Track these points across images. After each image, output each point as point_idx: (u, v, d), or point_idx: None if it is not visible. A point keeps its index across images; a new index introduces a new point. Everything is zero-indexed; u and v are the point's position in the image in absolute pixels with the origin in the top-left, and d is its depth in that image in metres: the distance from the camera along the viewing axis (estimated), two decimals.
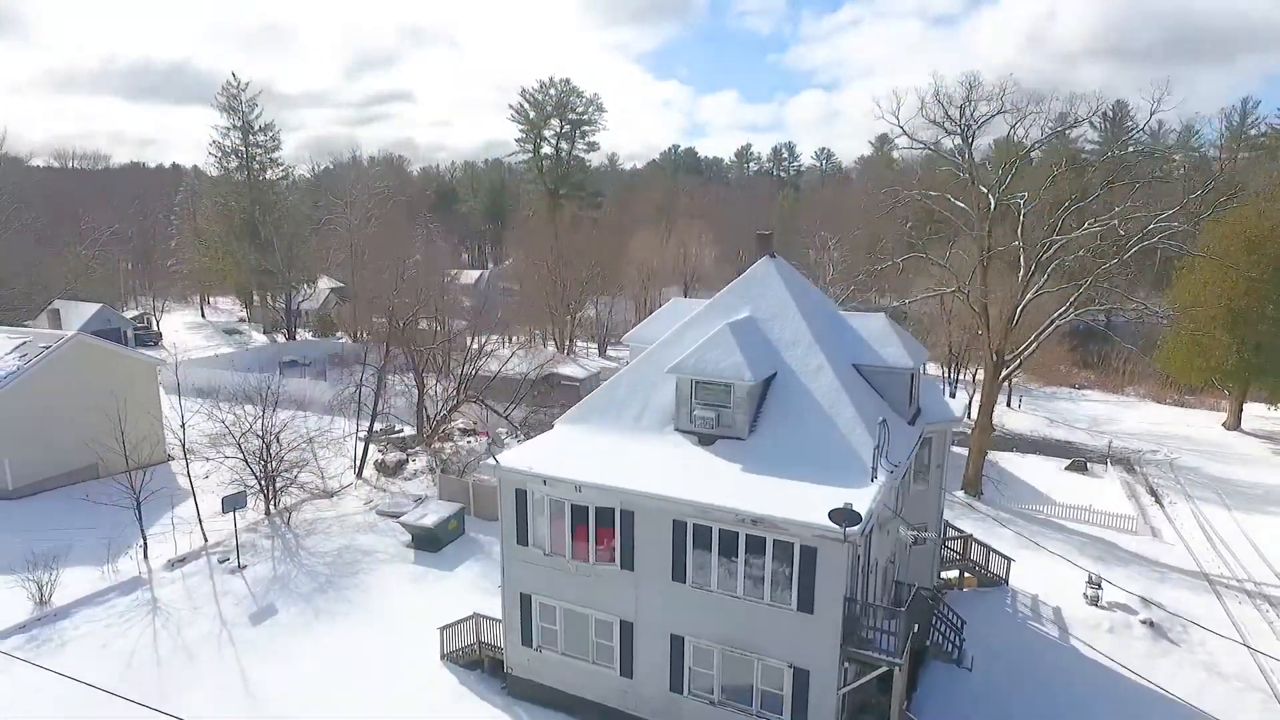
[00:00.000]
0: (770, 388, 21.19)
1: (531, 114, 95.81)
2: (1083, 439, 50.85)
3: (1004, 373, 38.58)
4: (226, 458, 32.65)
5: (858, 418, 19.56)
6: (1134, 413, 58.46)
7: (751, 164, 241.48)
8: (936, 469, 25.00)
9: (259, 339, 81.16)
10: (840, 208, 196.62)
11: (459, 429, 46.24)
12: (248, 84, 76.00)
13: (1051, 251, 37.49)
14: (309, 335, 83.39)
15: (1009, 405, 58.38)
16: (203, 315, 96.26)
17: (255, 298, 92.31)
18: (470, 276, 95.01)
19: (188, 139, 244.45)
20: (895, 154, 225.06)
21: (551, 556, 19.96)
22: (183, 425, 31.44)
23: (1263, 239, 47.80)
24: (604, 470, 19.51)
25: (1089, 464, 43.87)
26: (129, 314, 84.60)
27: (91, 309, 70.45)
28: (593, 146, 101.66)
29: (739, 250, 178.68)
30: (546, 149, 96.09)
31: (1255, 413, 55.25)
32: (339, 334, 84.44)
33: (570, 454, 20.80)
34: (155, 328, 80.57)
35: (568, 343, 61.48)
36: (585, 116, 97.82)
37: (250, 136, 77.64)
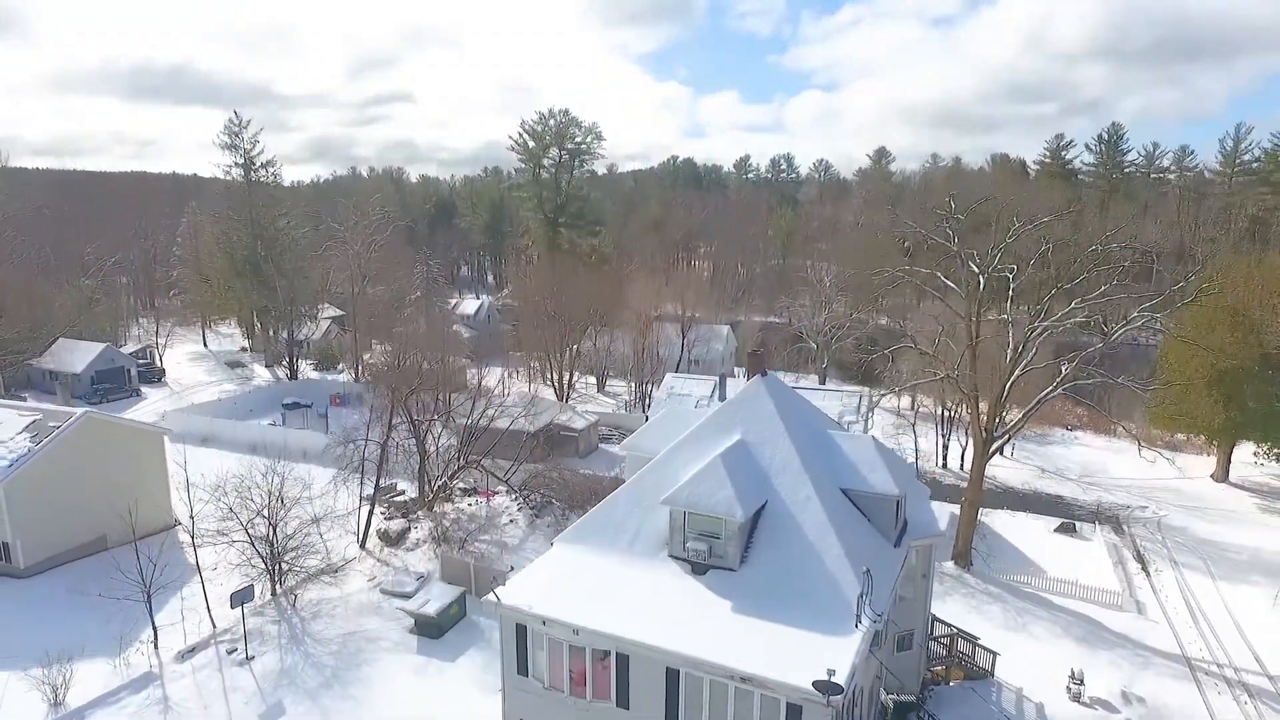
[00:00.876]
0: (761, 516, 22.00)
1: (531, 144, 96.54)
2: (1073, 492, 51.67)
3: (993, 447, 39.31)
4: (234, 541, 33.41)
5: (844, 557, 20.36)
6: (1124, 459, 59.16)
7: (750, 175, 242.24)
8: (923, 578, 25.83)
9: (261, 373, 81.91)
10: (838, 222, 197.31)
11: (460, 488, 47.09)
12: (249, 121, 76.78)
13: (1039, 332, 38.23)
14: (310, 368, 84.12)
15: (1001, 453, 59.16)
16: (204, 343, 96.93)
17: (257, 326, 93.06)
18: (470, 306, 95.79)
19: (189, 140, 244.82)
20: (893, 166, 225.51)
21: (550, 690, 20.77)
22: (191, 516, 32.19)
23: (1245, 307, 48.60)
24: (601, 606, 20.31)
25: (1077, 525, 44.69)
26: (130, 347, 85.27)
27: (95, 350, 71.18)
28: (592, 175, 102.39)
29: (739, 263, 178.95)
30: (545, 177, 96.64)
31: (1243, 458, 55.94)
32: (340, 366, 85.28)
33: (568, 583, 21.60)
34: (158, 363, 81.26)
35: (567, 389, 62.25)
36: (584, 145, 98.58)
37: (252, 174, 78.36)
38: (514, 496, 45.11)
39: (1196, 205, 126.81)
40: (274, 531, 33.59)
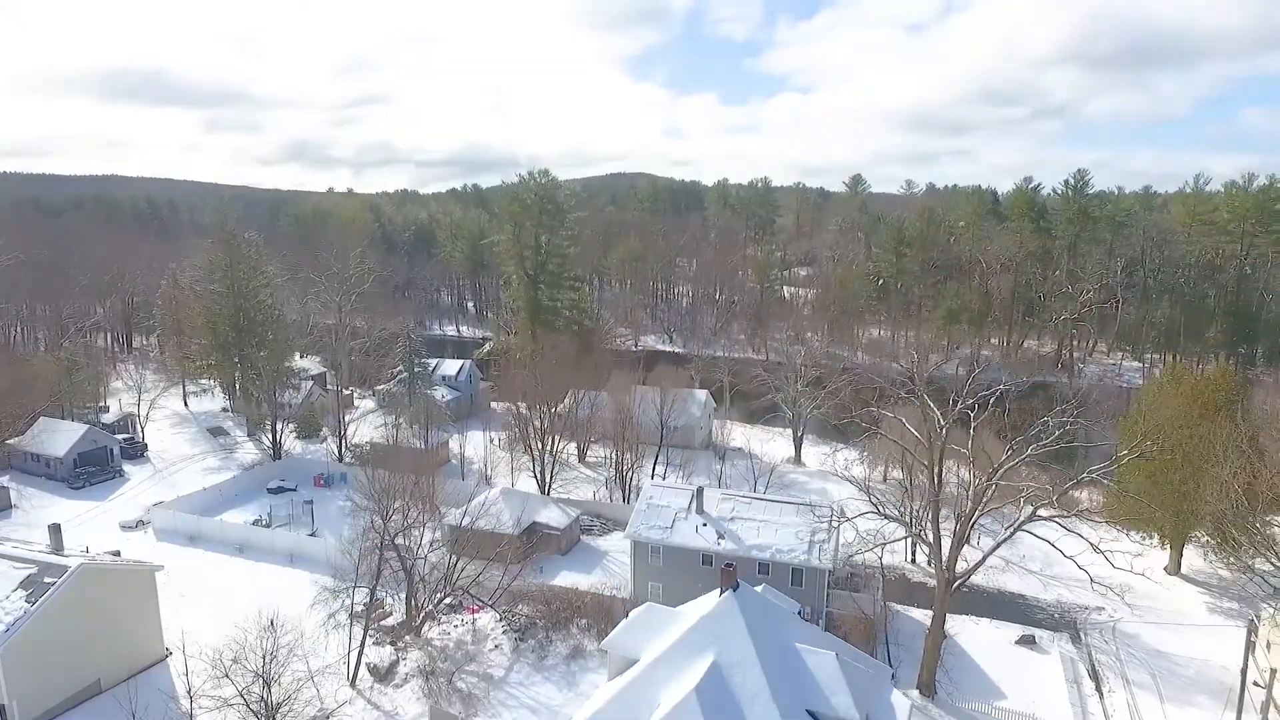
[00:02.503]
0: None
1: (513, 207, 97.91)
2: (1034, 589, 54.00)
3: (955, 585, 41.33)
4: (229, 703, 34.59)
5: None
6: (1084, 545, 61.54)
7: (729, 202, 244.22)
8: None
9: (243, 444, 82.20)
10: (815, 255, 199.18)
11: (447, 604, 48.41)
12: (230, 207, 77.38)
13: (998, 476, 40.33)
14: (292, 434, 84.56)
15: (967, 541, 61.43)
16: (185, 402, 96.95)
17: (238, 386, 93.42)
18: (451, 367, 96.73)
19: (162, 141, 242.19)
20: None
21: None
22: (189, 694, 33.31)
23: (1192, 421, 51.21)
24: None
25: (1037, 636, 46.99)
26: (111, 416, 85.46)
27: (77, 431, 71.57)
28: (572, 237, 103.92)
29: (717, 291, 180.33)
30: (526, 238, 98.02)
31: (1202, 543, 58.25)
32: (322, 433, 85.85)
33: None
34: (141, 436, 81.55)
35: (549, 480, 63.64)
36: (565, 207, 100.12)
37: (235, 254, 79.02)
38: (498, 616, 46.56)
39: (1159, 250, 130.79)
40: (269, 691, 34.80)
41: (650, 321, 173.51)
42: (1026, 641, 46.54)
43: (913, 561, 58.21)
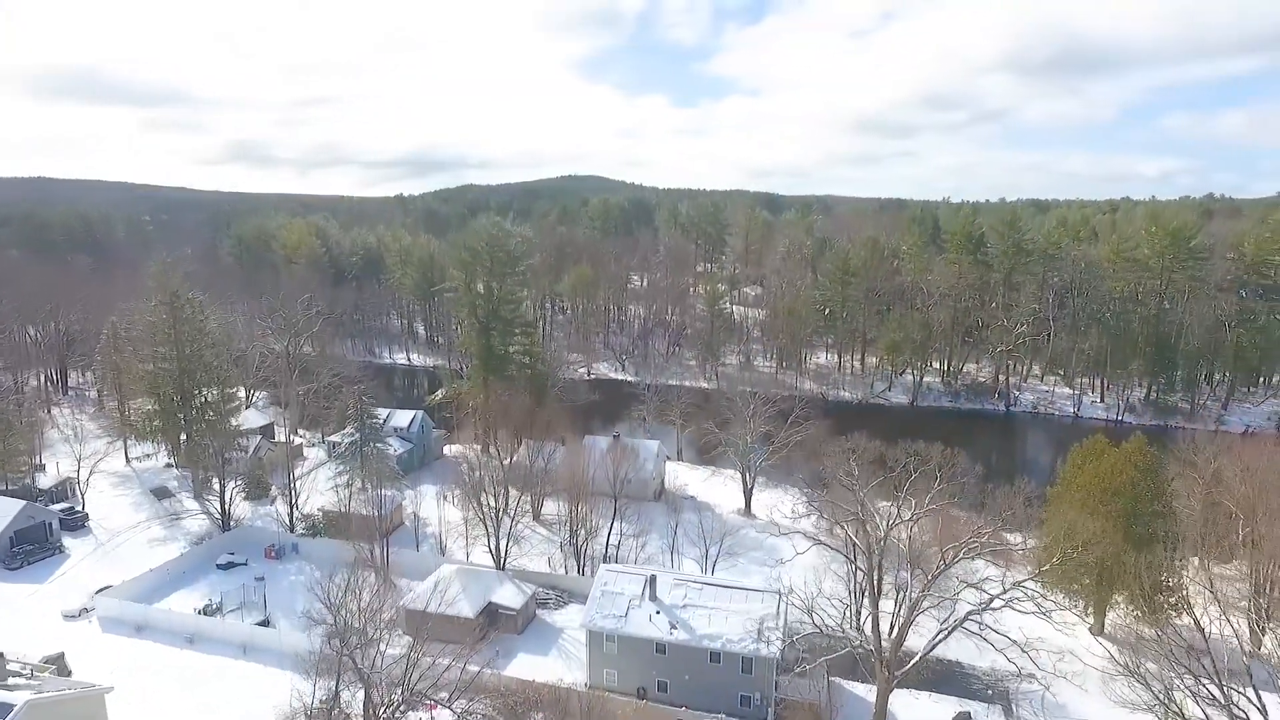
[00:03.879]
0: None
1: (465, 257, 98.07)
2: (970, 655, 56.69)
3: (894, 680, 43.58)
4: None
5: None
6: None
7: (680, 220, 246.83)
8: None
9: (191, 510, 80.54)
10: (765, 279, 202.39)
11: (404, 706, 48.80)
12: (174, 264, 76.00)
13: (933, 581, 42.68)
14: (240, 495, 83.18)
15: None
16: (126, 458, 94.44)
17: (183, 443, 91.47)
18: (403, 419, 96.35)
19: (97, 140, 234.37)
20: (816, 220, 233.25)
21: None
22: None
23: (1117, 491, 54.63)
24: None
25: (972, 715, 49.68)
26: (49, 480, 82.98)
27: (13, 508, 69.60)
28: (524, 283, 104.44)
29: (669, 313, 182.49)
30: (478, 287, 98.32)
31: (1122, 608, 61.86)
32: (272, 493, 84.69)
33: None
34: (81, 504, 79.40)
35: (504, 552, 64.21)
36: (516, 254, 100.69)
37: (178, 312, 77.58)
38: (455, 716, 47.21)
39: (1086, 283, 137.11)
40: None
41: (603, 347, 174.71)
42: (963, 719, 49.18)
43: (857, 628, 60.58)
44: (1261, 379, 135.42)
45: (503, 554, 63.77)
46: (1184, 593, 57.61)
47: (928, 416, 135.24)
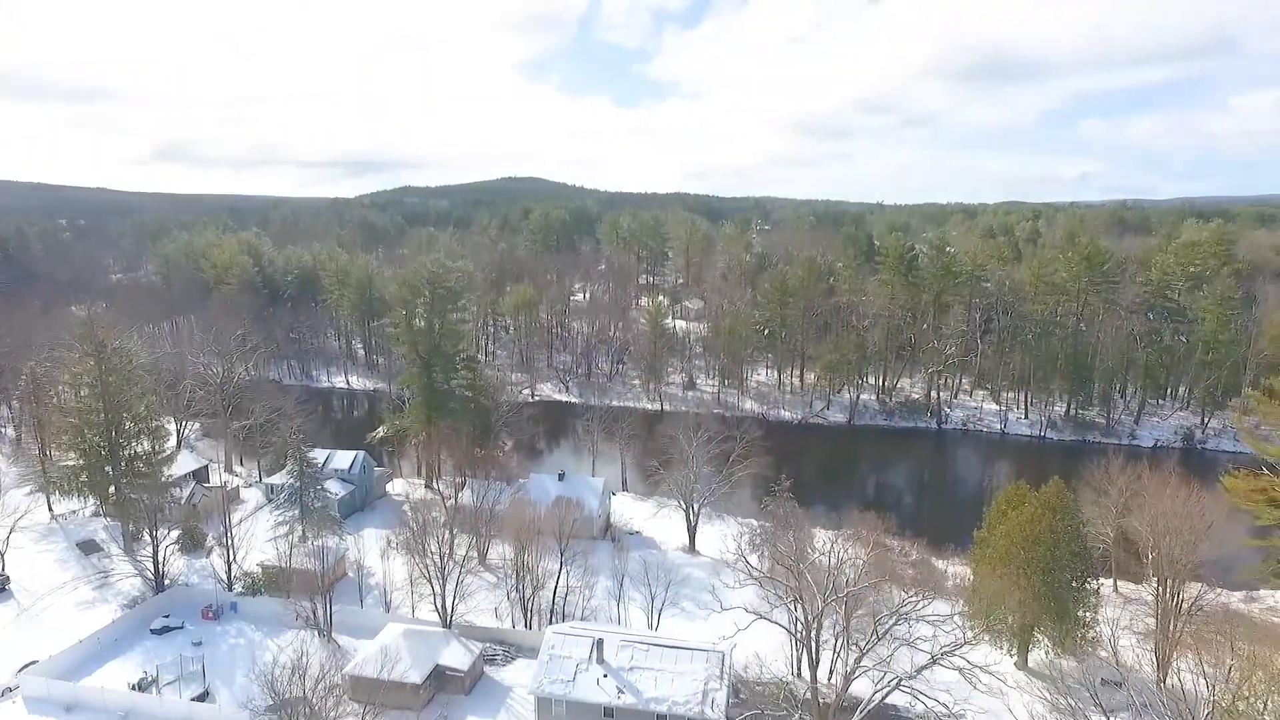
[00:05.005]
0: None
1: (405, 294, 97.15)
2: (903, 697, 59.44)
3: None
4: None
5: None
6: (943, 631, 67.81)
7: (623, 235, 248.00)
8: None
9: (121, 567, 77.72)
10: (705, 293, 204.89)
11: None
12: (100, 317, 73.42)
13: (866, 651, 44.77)
14: (174, 547, 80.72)
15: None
16: (49, 508, 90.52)
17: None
18: (344, 460, 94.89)
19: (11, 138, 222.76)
20: (755, 234, 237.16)
21: None
22: None
23: (1037, 539, 57.97)
24: None
25: None
26: None
27: None
28: (465, 319, 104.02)
29: (613, 328, 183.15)
30: (419, 325, 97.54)
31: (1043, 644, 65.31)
32: (208, 544, 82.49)
33: None
34: (1, 566, 75.97)
35: (450, 610, 64.08)
36: (455, 288, 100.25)
37: (105, 363, 74.97)
38: None
39: (1010, 305, 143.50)
40: None
41: (546, 367, 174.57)
42: None
43: (797, 674, 62.72)
44: (1169, 392, 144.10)
45: (449, 611, 63.72)
46: (1098, 628, 61.57)
47: (864, 435, 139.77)
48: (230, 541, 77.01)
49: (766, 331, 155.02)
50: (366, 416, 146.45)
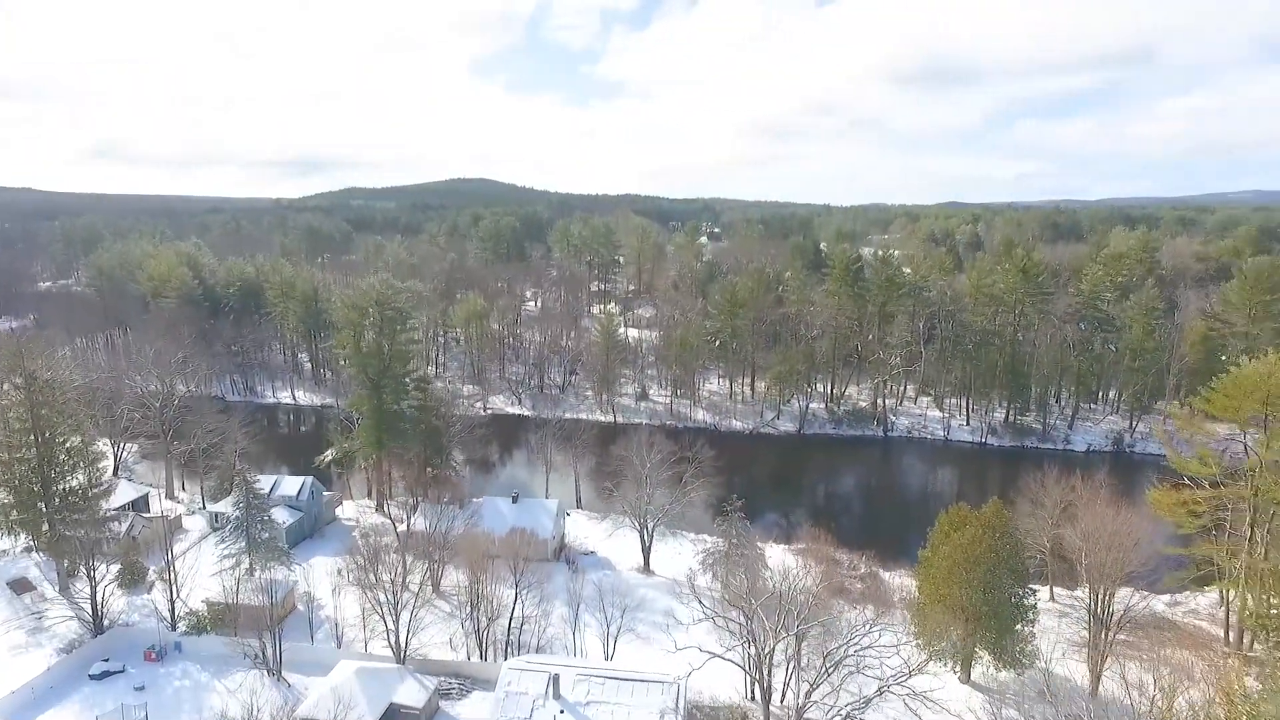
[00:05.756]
0: None
1: (351, 315, 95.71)
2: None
3: None
4: None
5: None
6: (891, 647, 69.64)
7: (574, 243, 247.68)
8: None
9: (57, 607, 74.95)
10: (656, 301, 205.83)
11: None
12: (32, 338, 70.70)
13: (816, 686, 46.08)
14: (113, 584, 78.09)
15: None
16: None
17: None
18: (291, 486, 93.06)
19: None
20: (708, 235, 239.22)
21: None
22: None
23: (977, 560, 60.28)
24: None
25: None
26: None
27: None
28: (413, 340, 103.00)
29: (565, 337, 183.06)
30: (367, 348, 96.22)
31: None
32: (149, 579, 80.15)
33: None
34: None
35: (405, 644, 63.59)
36: (404, 308, 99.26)
37: (36, 396, 72.21)
38: None
39: (951, 315, 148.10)
40: None
41: (498, 379, 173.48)
42: None
43: (752, 699, 64.04)
44: (1100, 395, 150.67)
45: (403, 647, 63.24)
46: (1035, 642, 64.34)
47: (814, 444, 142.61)
48: (173, 576, 75.02)
49: (717, 342, 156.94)
50: (314, 433, 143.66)
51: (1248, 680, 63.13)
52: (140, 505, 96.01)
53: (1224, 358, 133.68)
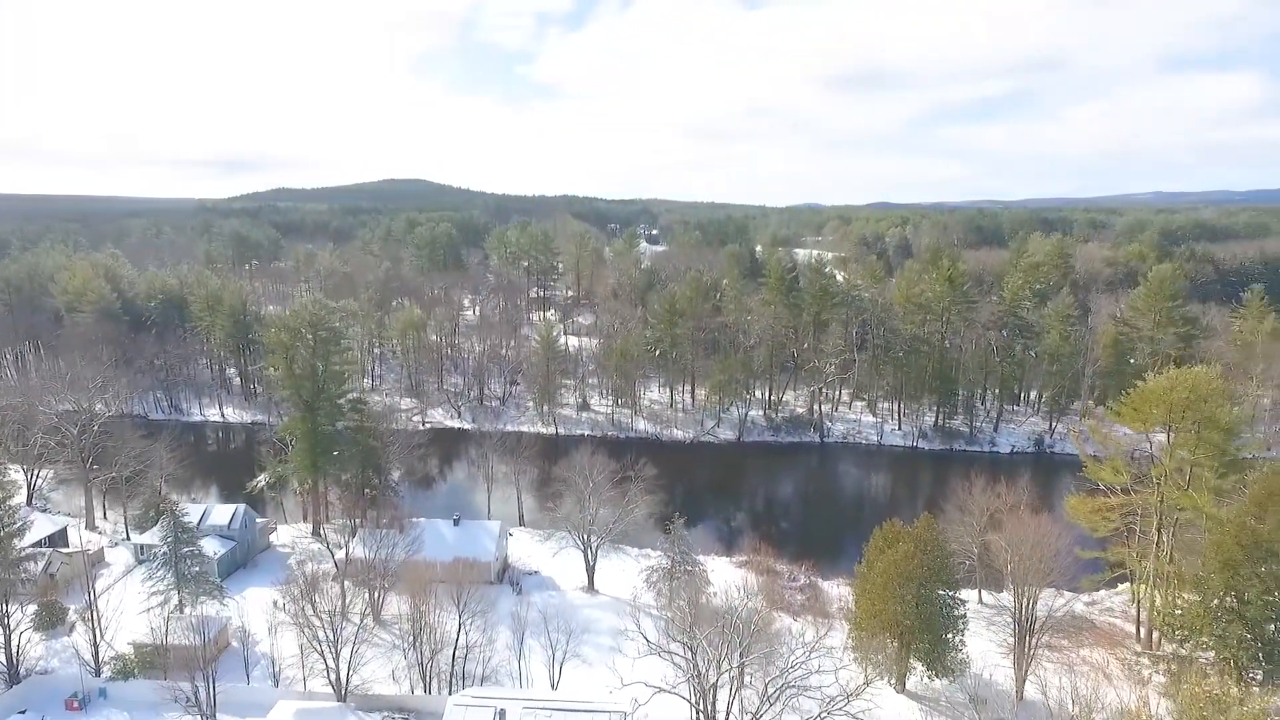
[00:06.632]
0: None
1: (282, 337, 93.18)
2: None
3: None
4: None
5: None
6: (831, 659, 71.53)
7: (510, 249, 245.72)
8: None
9: None
10: (596, 309, 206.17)
11: None
12: None
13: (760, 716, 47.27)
14: (30, 627, 74.25)
15: None
16: None
17: None
18: (222, 515, 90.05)
19: None
20: (645, 244, 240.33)
21: None
22: None
23: (909, 576, 62.68)
24: None
25: None
26: None
27: None
28: (348, 361, 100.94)
29: (504, 347, 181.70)
30: (300, 371, 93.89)
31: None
32: (70, 620, 76.55)
33: None
34: None
35: (345, 686, 62.43)
36: (340, 330, 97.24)
37: None
38: None
39: (882, 323, 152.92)
40: None
41: (436, 390, 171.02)
42: None
43: None
44: (1022, 397, 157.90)
45: (344, 684, 62.13)
46: (965, 650, 67.25)
47: (753, 451, 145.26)
48: (95, 617, 71.86)
49: (657, 351, 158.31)
50: (245, 451, 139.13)
51: (1157, 677, 67.84)
52: (58, 539, 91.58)
53: (1132, 360, 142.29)
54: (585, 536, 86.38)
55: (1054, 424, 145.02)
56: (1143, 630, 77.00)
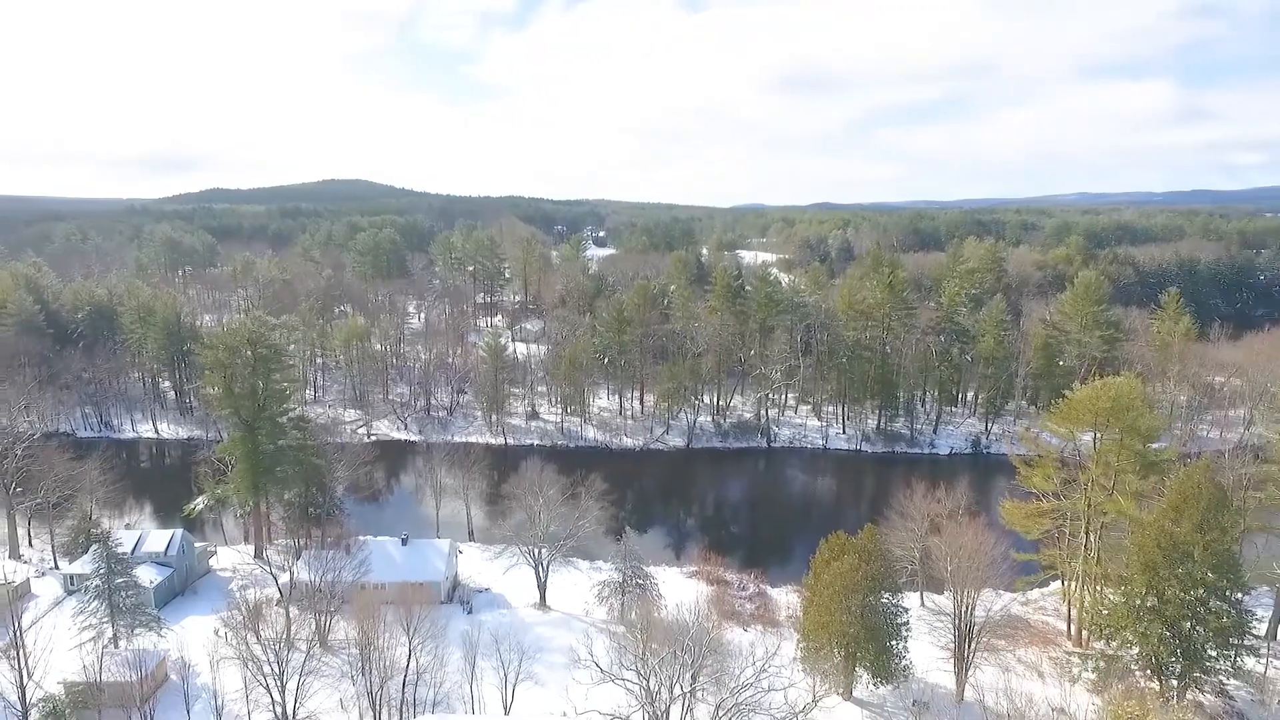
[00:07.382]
0: None
1: (220, 355, 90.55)
2: None
3: None
4: None
5: None
6: (782, 663, 72.67)
7: (457, 257, 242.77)
8: None
9: None
10: (544, 315, 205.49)
11: None
12: None
13: None
14: None
15: None
16: None
17: None
18: (159, 541, 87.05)
19: None
20: (593, 247, 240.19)
21: None
22: None
23: (855, 587, 64.48)
24: None
25: None
26: None
27: None
28: (289, 378, 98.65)
29: (452, 355, 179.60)
30: (240, 391, 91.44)
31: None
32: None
33: None
34: None
35: (292, 718, 61.19)
36: (280, 346, 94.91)
37: None
38: None
39: (825, 329, 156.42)
40: None
41: (382, 401, 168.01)
42: None
43: None
44: (960, 398, 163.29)
45: (291, 717, 60.90)
46: (909, 656, 69.44)
47: (702, 457, 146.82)
48: (22, 655, 68.57)
49: (606, 359, 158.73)
50: (181, 469, 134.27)
51: (1086, 674, 71.10)
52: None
53: (1061, 362, 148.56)
54: (537, 553, 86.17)
55: (990, 425, 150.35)
56: (1073, 628, 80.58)
